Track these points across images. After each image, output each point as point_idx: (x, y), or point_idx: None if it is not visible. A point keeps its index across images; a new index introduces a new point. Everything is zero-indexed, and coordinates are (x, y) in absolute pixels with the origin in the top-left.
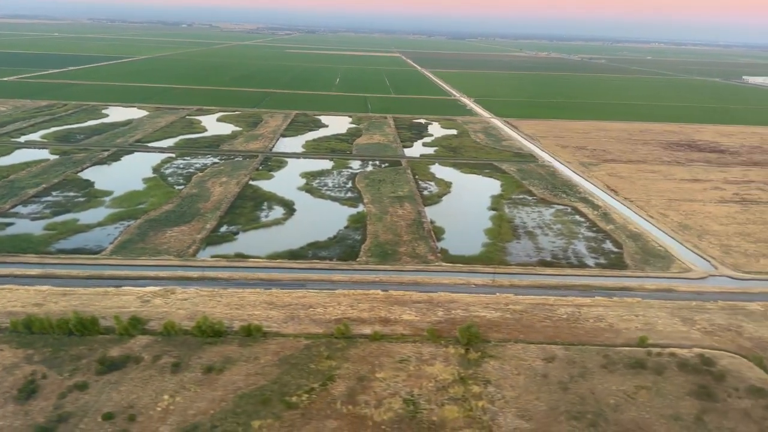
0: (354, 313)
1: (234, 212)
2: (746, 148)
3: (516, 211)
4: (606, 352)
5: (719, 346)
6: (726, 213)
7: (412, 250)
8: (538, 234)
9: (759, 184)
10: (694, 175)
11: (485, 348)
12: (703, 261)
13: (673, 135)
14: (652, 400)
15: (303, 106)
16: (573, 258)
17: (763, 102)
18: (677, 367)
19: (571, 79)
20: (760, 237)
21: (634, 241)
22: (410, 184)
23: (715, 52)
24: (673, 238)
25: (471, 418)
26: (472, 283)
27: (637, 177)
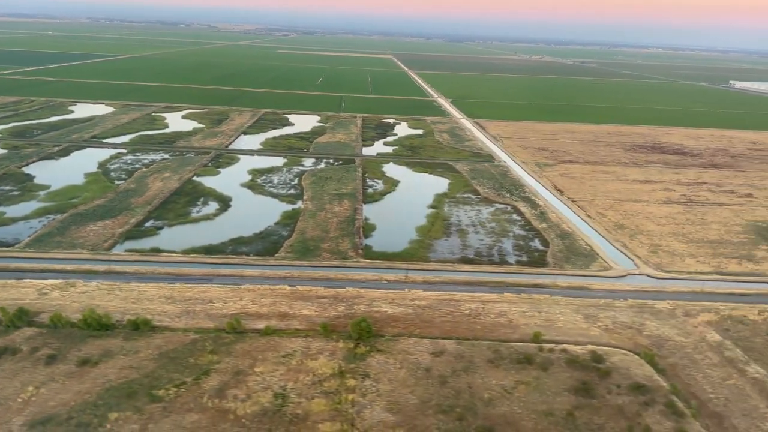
0: (253, 308)
1: (166, 207)
2: (710, 151)
3: (455, 209)
4: (498, 347)
5: (615, 343)
6: (667, 213)
7: (335, 246)
8: (470, 232)
9: (710, 185)
10: (648, 177)
11: (376, 342)
12: (627, 260)
13: (640, 137)
14: (528, 395)
15: (276, 104)
16: (496, 255)
17: (742, 106)
18: (565, 363)
19: (556, 82)
20: (694, 237)
21: (562, 239)
22: (357, 181)
23: (710, 57)
24: (603, 237)
25: (336, 411)
26: (385, 279)
27: (588, 177)
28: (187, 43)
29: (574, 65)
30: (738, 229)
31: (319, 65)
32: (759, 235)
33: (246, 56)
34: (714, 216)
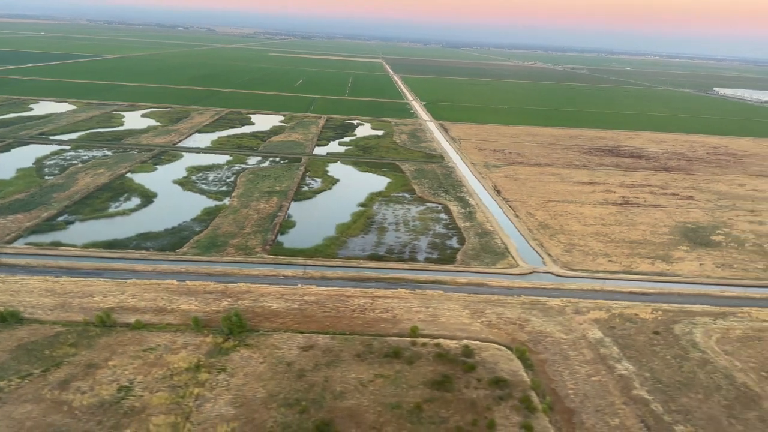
0: (132, 303)
1: (85, 203)
2: (668, 155)
3: (384, 208)
4: (372, 341)
5: (493, 338)
6: (598, 214)
7: (244, 242)
8: (390, 230)
9: (654, 188)
10: (593, 179)
11: (248, 337)
12: (538, 258)
13: (602, 141)
14: (383, 388)
15: (244, 104)
16: (407, 253)
17: (716, 111)
18: (434, 357)
19: (538, 88)
20: (616, 237)
21: (480, 238)
22: (294, 180)
23: (704, 65)
24: (523, 236)
25: (176, 405)
26: (282, 275)
27: (533, 179)
28: (179, 45)
29: (564, 71)
30: (665, 230)
31: (305, 68)
32: (683, 236)
33: (234, 58)
34: (645, 217)
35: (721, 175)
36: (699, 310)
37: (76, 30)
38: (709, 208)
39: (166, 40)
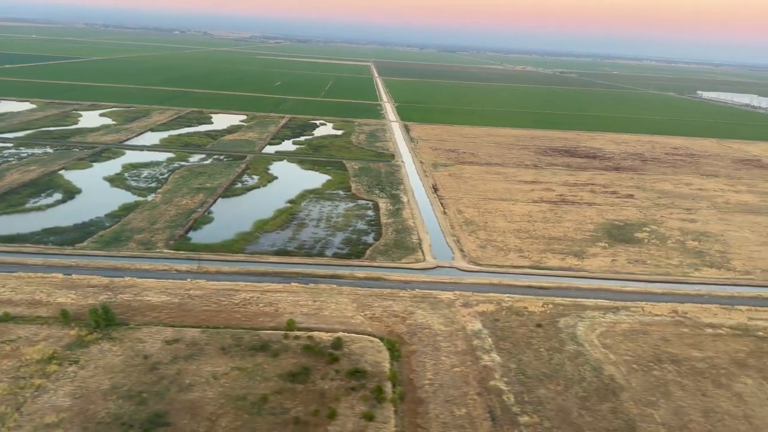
0: (7, 296)
1: (4, 198)
2: (624, 155)
3: (313, 204)
4: (243, 335)
5: (371, 330)
6: (528, 211)
7: (149, 237)
8: (310, 226)
9: (596, 186)
10: (538, 178)
11: (115, 330)
12: (449, 253)
13: (563, 141)
14: (235, 381)
15: (210, 104)
16: (317, 248)
17: (694, 114)
18: (301, 350)
19: (518, 90)
20: (536, 234)
21: (398, 233)
22: (230, 177)
23: (697, 70)
24: (443, 232)
25: (12, 395)
26: (175, 269)
27: (476, 177)
28: (169, 47)
29: (553, 75)
30: (590, 227)
31: (290, 70)
32: (607, 233)
33: (220, 60)
34: (575, 215)
35: (671, 175)
36: (592, 304)
37: (69, 33)
38: (645, 206)
39: (158, 43)
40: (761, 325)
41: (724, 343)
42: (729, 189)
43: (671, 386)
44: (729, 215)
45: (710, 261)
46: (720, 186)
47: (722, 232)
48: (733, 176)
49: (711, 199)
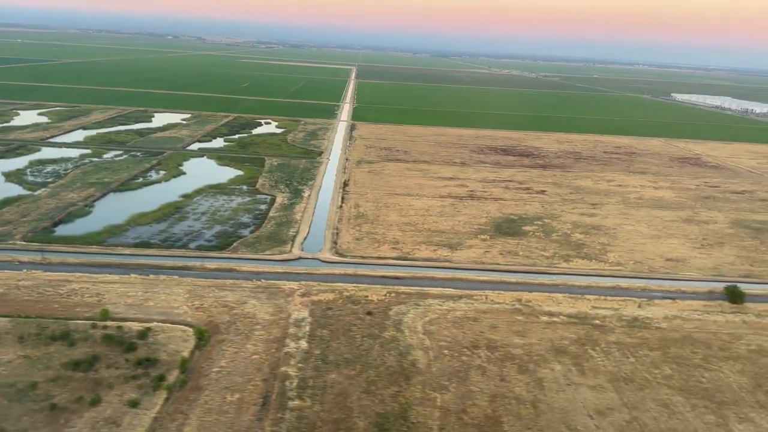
0: None
1: None
2: (560, 153)
3: (207, 199)
4: (51, 324)
5: (188, 320)
6: (428, 206)
7: (10, 230)
8: (190, 219)
9: (513, 183)
10: (459, 174)
11: None
12: (320, 246)
13: (505, 141)
14: (15, 368)
15: (159, 104)
16: (185, 240)
17: (658, 114)
18: (101, 339)
19: (490, 93)
20: (422, 227)
21: (278, 227)
22: (133, 172)
23: (685, 74)
24: (327, 225)
25: None
26: (18, 260)
27: (395, 174)
28: (151, 51)
29: (536, 79)
30: (483, 221)
31: (267, 73)
32: (495, 227)
33: (200, 64)
34: (474, 210)
35: (597, 172)
36: (437, 293)
37: (59, 38)
38: (551, 201)
39: (146, 47)
40: (602, 314)
41: (553, 331)
42: (650, 185)
43: (472, 371)
44: (634, 210)
45: (586, 253)
46: (642, 183)
47: (616, 226)
48: (661, 173)
49: (625, 195)
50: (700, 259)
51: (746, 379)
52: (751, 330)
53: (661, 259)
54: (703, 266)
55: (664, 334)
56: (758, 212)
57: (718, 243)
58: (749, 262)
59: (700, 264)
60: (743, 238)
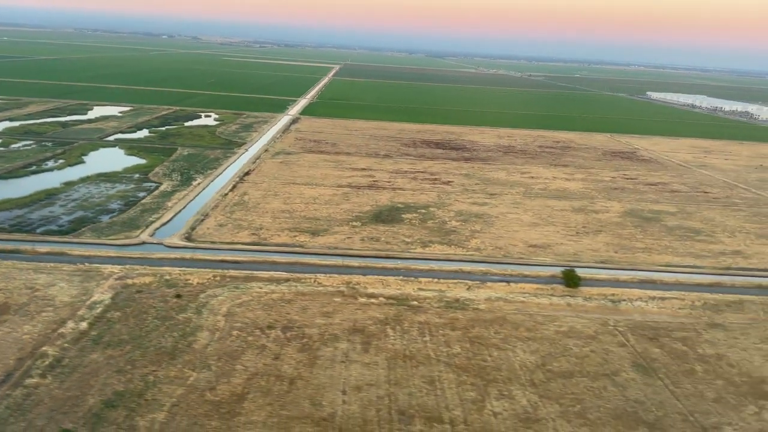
0: None
1: None
2: (493, 147)
3: (88, 186)
4: None
5: None
6: (318, 195)
7: None
8: (56, 205)
9: (425, 174)
10: (374, 166)
11: None
12: (173, 231)
13: (443, 135)
14: None
15: (105, 98)
16: (34, 225)
17: (621, 111)
18: None
19: (464, 91)
20: (297, 215)
21: (142, 212)
22: (30, 161)
23: (676, 74)
24: (198, 212)
25: None
26: None
27: (307, 165)
28: (138, 50)
29: (520, 78)
30: (367, 209)
31: (243, 70)
32: (374, 215)
33: (181, 61)
34: (364, 198)
35: (518, 165)
36: (266, 276)
37: (49, 36)
38: (451, 191)
39: (134, 45)
40: (424, 295)
41: (364, 312)
42: (564, 177)
43: (250, 351)
44: (530, 200)
45: (450, 239)
46: (557, 175)
47: (501, 214)
48: (584, 166)
49: (530, 186)
50: (564, 246)
51: (534, 359)
52: (572, 313)
53: (523, 246)
54: (563, 252)
55: (478, 315)
56: (659, 203)
57: (596, 231)
58: (615, 249)
59: (562, 250)
60: (626, 226)
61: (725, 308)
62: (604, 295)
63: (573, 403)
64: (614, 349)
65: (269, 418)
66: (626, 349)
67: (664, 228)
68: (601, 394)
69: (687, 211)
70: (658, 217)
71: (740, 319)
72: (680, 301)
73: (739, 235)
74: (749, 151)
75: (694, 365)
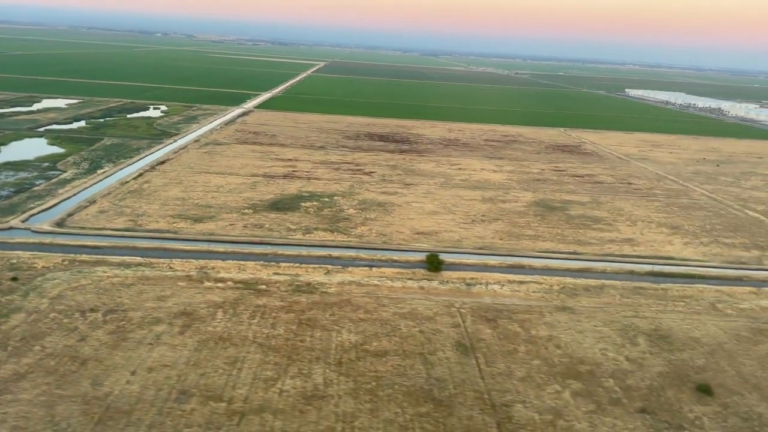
0: None
1: None
2: (437, 140)
3: None
4: None
5: None
6: (226, 183)
7: None
8: None
9: (350, 166)
10: (299, 156)
11: None
12: (53, 218)
13: (394, 128)
14: None
15: (59, 91)
16: None
17: (590, 107)
18: None
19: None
20: (192, 202)
21: (28, 198)
22: None
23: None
24: (86, 199)
25: None
26: None
27: (232, 155)
28: (124, 47)
29: (506, 76)
30: (269, 197)
31: (223, 66)
32: (273, 203)
33: (158, 57)
34: (272, 187)
35: (452, 157)
36: (116, 260)
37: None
38: (368, 181)
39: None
40: (276, 279)
41: (203, 296)
42: (492, 169)
43: (56, 332)
44: (444, 190)
45: (337, 226)
46: (487, 166)
47: (405, 203)
48: (519, 158)
49: (452, 177)
50: (451, 233)
51: (355, 339)
52: (422, 295)
53: (410, 233)
54: (447, 239)
55: (323, 298)
56: (575, 193)
57: (493, 219)
58: (501, 236)
59: (446, 237)
60: (526, 215)
61: (583, 292)
62: (463, 279)
63: (369, 381)
64: (445, 329)
65: (38, 397)
66: (457, 330)
67: (564, 217)
68: (405, 372)
69: (599, 201)
70: (565, 207)
71: (593, 303)
72: (539, 285)
73: (640, 224)
74: (700, 145)
75: (519, 346)
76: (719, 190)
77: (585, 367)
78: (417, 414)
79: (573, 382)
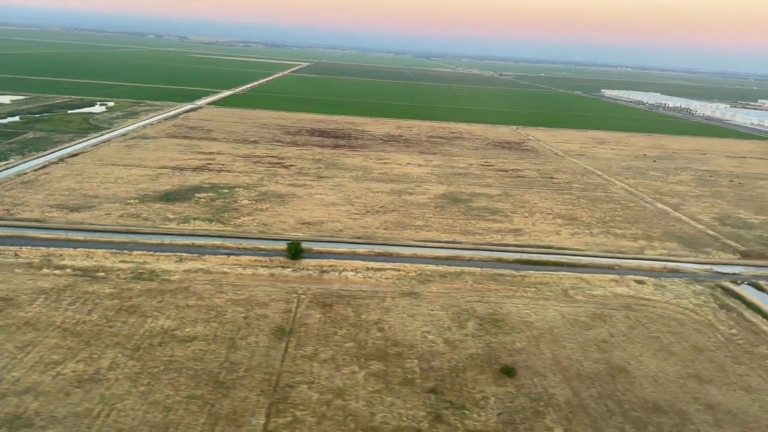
0: None
1: None
2: (379, 137)
3: None
4: None
5: None
6: (128, 174)
7: None
8: None
9: (275, 159)
10: (223, 150)
11: None
12: None
13: (341, 125)
14: None
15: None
16: None
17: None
18: None
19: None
20: (87, 193)
21: None
22: None
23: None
24: None
25: None
26: None
27: (152, 148)
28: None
29: (490, 77)
30: (166, 188)
31: (192, 65)
32: (165, 194)
33: (140, 58)
34: (176, 179)
35: (386, 153)
36: None
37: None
38: (281, 174)
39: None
40: (119, 267)
41: (34, 282)
42: (418, 164)
43: None
44: (355, 183)
45: (221, 216)
46: (414, 161)
47: (306, 195)
48: (452, 154)
49: (371, 171)
50: (337, 224)
51: (169, 324)
52: (268, 282)
53: (294, 223)
54: (329, 229)
55: (160, 285)
56: (489, 186)
57: (389, 211)
58: (387, 226)
59: (330, 227)
60: (425, 207)
61: (437, 279)
62: (320, 266)
63: (158, 366)
64: (272, 315)
65: None
66: (285, 315)
67: (465, 208)
68: (203, 357)
69: (509, 194)
70: (470, 199)
71: (442, 288)
72: (396, 272)
73: (537, 215)
74: (648, 142)
75: (341, 329)
76: (641, 184)
77: (396, 349)
78: (189, 396)
79: (375, 363)
